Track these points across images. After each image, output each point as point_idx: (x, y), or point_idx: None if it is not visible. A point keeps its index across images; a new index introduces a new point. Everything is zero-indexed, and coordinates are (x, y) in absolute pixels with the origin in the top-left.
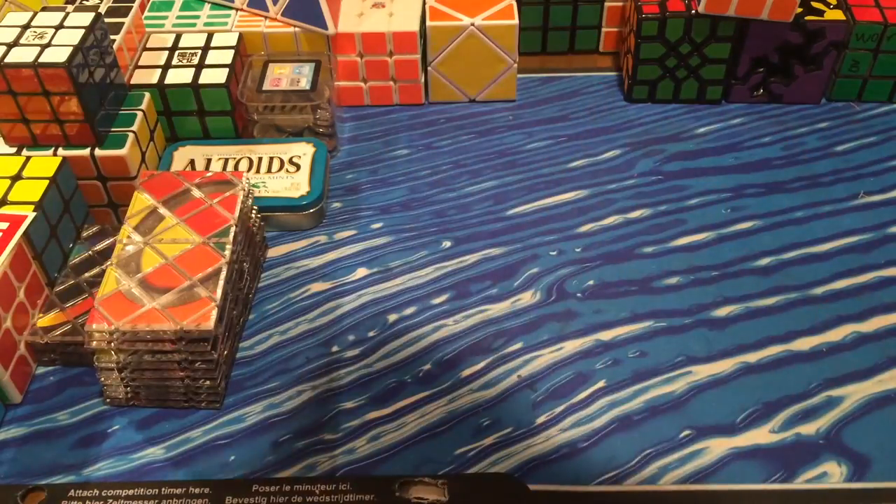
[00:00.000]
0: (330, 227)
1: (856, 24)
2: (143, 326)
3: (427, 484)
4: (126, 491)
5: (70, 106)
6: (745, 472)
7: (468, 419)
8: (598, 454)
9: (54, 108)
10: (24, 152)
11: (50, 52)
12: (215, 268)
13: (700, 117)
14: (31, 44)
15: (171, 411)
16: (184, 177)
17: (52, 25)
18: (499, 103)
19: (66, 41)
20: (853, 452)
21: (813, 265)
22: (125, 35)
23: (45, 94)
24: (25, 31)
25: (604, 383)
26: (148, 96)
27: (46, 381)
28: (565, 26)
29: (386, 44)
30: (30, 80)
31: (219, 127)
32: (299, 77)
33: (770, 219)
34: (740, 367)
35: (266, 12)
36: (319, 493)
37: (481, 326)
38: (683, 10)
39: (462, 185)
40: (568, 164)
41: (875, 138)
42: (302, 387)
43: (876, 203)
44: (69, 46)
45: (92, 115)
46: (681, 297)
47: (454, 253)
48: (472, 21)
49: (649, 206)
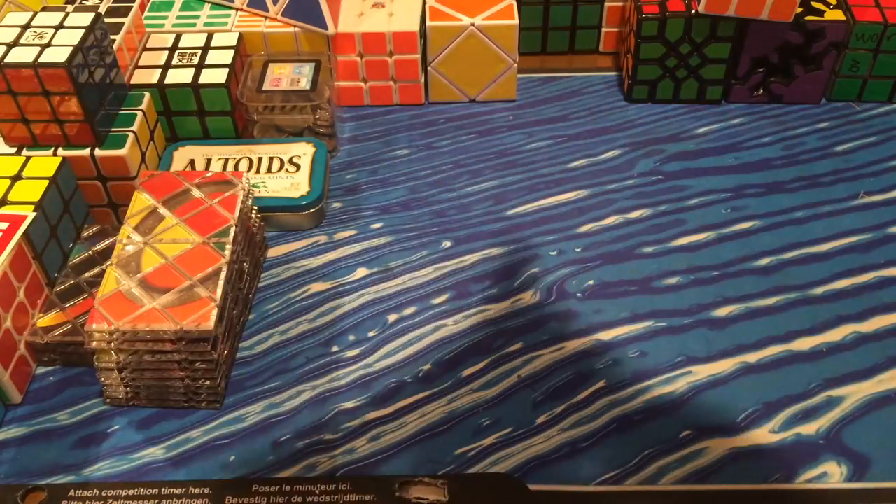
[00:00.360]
0: (330, 227)
1: (856, 24)
2: (143, 326)
3: (427, 484)
4: (126, 491)
5: (70, 106)
6: (745, 472)
7: (468, 419)
8: (598, 454)
9: (54, 108)
10: (24, 152)
11: (50, 52)
12: (215, 268)
13: (700, 117)
14: (31, 44)
15: (171, 411)
16: (184, 177)
17: (52, 25)
18: (499, 103)
19: (66, 41)
20: (853, 452)
21: (813, 265)
22: (125, 35)
23: (45, 94)
24: (25, 31)
25: (604, 383)
26: (148, 96)
27: (46, 381)
28: (565, 26)
29: (386, 44)
30: (30, 80)
31: (219, 127)
32: (299, 77)
33: (770, 219)
34: (740, 367)
35: (266, 12)
36: (319, 493)
37: (481, 326)
38: (683, 10)
39: (462, 185)
40: (568, 164)
41: (875, 138)
42: (302, 387)
43: (876, 203)
44: (69, 46)
45: (92, 115)
46: (681, 297)
47: (454, 253)
48: (472, 21)
49: (649, 206)
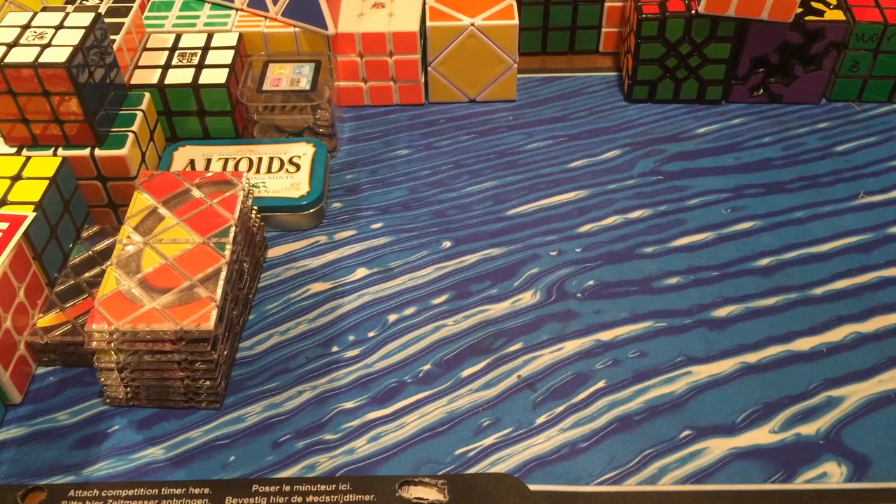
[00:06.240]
0: (330, 227)
1: (856, 24)
2: (143, 326)
3: (427, 484)
4: (126, 491)
5: (70, 106)
6: (745, 472)
7: (468, 419)
8: (598, 454)
9: (54, 108)
10: (24, 152)
11: (50, 52)
12: (215, 268)
13: (700, 117)
14: (31, 44)
15: (171, 411)
16: (184, 177)
17: (52, 25)
18: (499, 103)
19: (66, 41)
20: (853, 452)
21: (813, 265)
22: (125, 35)
23: (45, 95)
24: (25, 31)
25: (604, 383)
26: (148, 96)
27: (46, 381)
28: (565, 26)
29: (386, 44)
30: (30, 81)
31: (219, 127)
32: (299, 77)
33: (770, 219)
34: (740, 367)
35: (266, 12)
36: (319, 493)
37: (481, 326)
38: (683, 11)
39: (462, 185)
40: (568, 164)
41: (875, 138)
42: (302, 387)
43: (876, 203)
44: (69, 46)
45: (92, 115)
46: (681, 297)
47: (454, 253)
48: (472, 21)
49: (649, 206)
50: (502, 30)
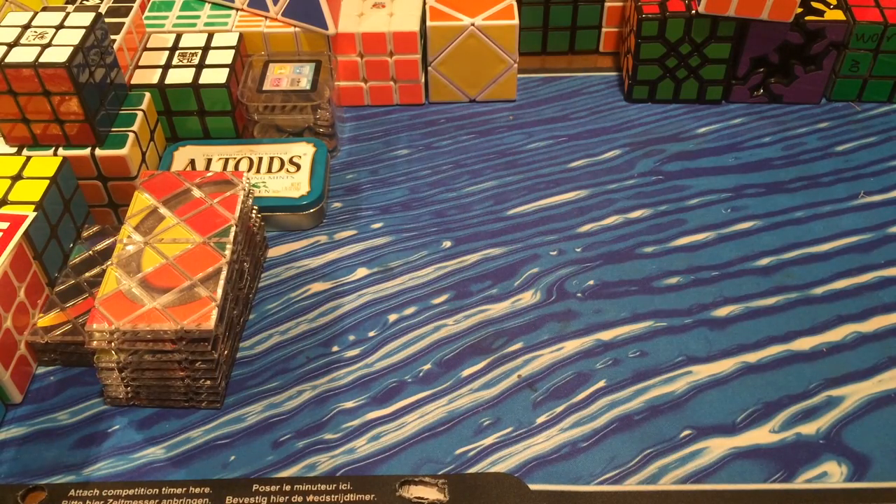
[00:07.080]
0: (330, 227)
1: (856, 24)
2: (144, 326)
3: (427, 484)
4: (126, 491)
5: (70, 106)
6: (745, 472)
7: (468, 419)
8: (599, 454)
9: (55, 108)
10: (25, 152)
11: (50, 52)
12: (215, 268)
13: (700, 117)
14: (31, 44)
15: (171, 411)
16: (184, 177)
17: (52, 25)
18: (499, 103)
19: (66, 41)
20: (853, 452)
21: (813, 265)
22: (125, 35)
23: (46, 94)
24: (26, 31)
25: (604, 383)
26: (148, 96)
27: (47, 380)
28: (565, 26)
29: (386, 44)
30: (30, 80)
31: (219, 127)
32: (299, 77)
33: (770, 219)
34: (740, 367)
35: (266, 12)
36: (320, 492)
37: (481, 326)
38: (683, 11)
39: (462, 185)
40: (568, 164)
41: (875, 138)
42: (302, 387)
43: (876, 203)
44: (69, 46)
45: (92, 115)
46: (681, 297)
47: (454, 253)
48: (472, 21)
49: (649, 206)
50: (502, 30)
